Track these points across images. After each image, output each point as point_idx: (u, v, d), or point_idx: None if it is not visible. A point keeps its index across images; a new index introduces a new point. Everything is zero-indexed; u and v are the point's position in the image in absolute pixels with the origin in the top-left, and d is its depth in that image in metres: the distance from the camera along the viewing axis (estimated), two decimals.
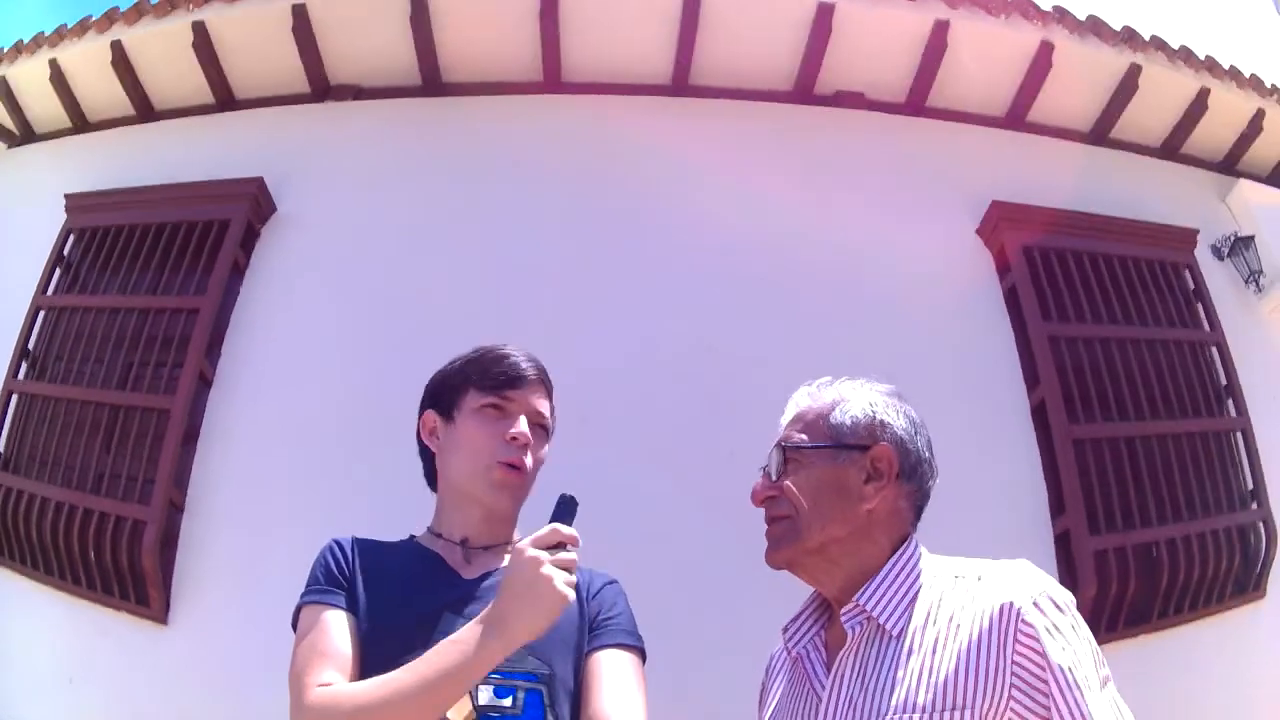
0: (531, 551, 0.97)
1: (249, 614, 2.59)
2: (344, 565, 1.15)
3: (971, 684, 0.88)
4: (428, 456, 1.27)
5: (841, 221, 3.06)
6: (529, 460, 1.18)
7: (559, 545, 0.99)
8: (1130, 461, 3.23)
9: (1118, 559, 3.06)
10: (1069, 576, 2.96)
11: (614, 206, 2.99)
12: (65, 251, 3.49)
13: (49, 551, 2.93)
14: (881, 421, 1.06)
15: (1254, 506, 3.44)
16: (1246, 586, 3.35)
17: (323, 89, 3.31)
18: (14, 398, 3.25)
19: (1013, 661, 0.88)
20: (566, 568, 0.98)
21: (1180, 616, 3.16)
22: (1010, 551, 1.12)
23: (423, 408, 1.27)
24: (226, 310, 3.12)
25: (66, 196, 3.54)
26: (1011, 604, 0.90)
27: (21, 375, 3.29)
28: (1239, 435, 3.51)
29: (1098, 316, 3.32)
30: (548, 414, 1.24)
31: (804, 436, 1.07)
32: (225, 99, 3.47)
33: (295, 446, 2.84)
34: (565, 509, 1.02)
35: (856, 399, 1.09)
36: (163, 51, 3.48)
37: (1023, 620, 0.89)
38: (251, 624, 2.56)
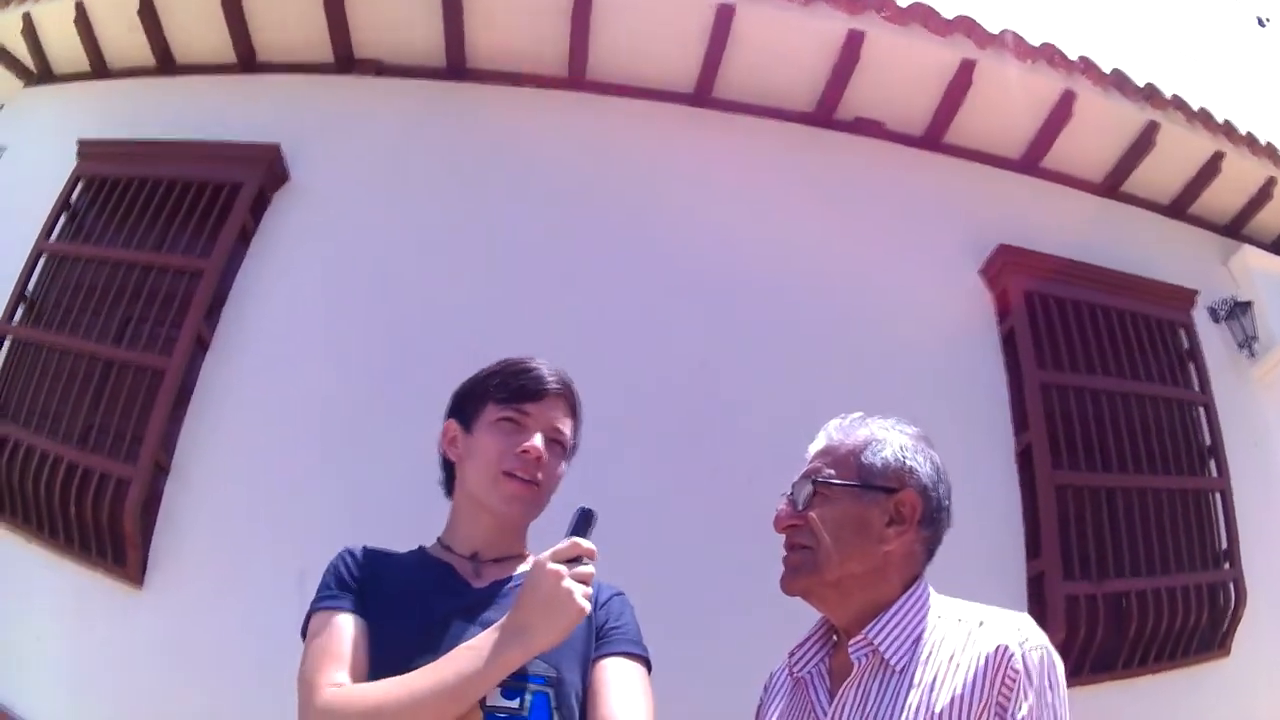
0: (552, 565, 1.00)
1: (224, 585, 2.59)
2: (355, 571, 1.16)
3: (964, 718, 0.94)
4: (448, 466, 1.28)
5: (847, 247, 3.08)
6: (540, 475, 1.19)
7: (577, 558, 1.01)
8: (1109, 512, 3.27)
9: (1088, 606, 3.11)
10: (1038, 619, 2.99)
11: (622, 209, 3.00)
12: (72, 199, 3.47)
13: (29, 502, 2.90)
14: (910, 468, 1.10)
15: (1226, 566, 3.50)
16: (1212, 644, 3.41)
17: (346, 61, 3.30)
18: (7, 341, 3.22)
19: (997, 703, 0.94)
20: (584, 580, 1.00)
21: (1145, 667, 3.22)
22: (981, 588, 1.16)
23: (446, 417, 1.28)
24: (230, 275, 3.09)
25: (80, 142, 3.51)
26: (1005, 648, 0.96)
27: (17, 320, 3.26)
28: (1218, 495, 3.56)
29: (1091, 367, 3.35)
30: (567, 431, 1.24)
31: (833, 472, 1.10)
32: (247, 60, 3.45)
33: (286, 420, 2.83)
34: (583, 522, 1.04)
35: (889, 441, 1.11)
36: (190, 4, 3.45)
37: (1010, 667, 0.95)
38: (227, 594, 2.57)
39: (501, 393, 1.21)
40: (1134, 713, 3.10)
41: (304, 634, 1.14)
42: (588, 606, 1.00)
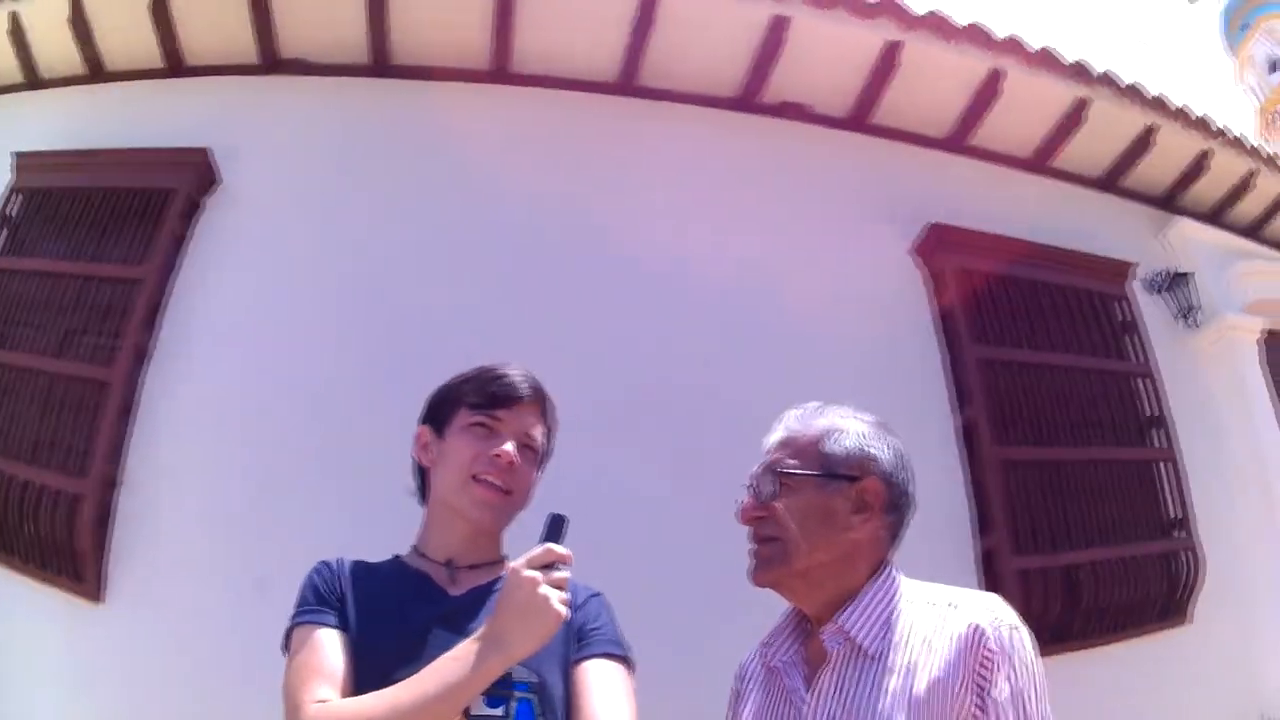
0: (527, 571, 1.00)
1: (183, 595, 2.57)
2: (333, 585, 1.15)
3: (943, 702, 0.96)
4: (420, 472, 1.28)
5: (778, 232, 3.09)
6: (512, 482, 1.19)
7: (552, 564, 1.02)
8: (1058, 485, 3.30)
9: (1042, 579, 3.13)
10: (992, 593, 3.01)
11: (552, 198, 2.99)
12: (11, 211, 3.44)
13: None
14: (872, 455, 1.11)
15: (1179, 535, 3.53)
16: (1170, 612, 3.44)
17: (273, 61, 3.29)
18: None
19: (975, 683, 0.96)
20: (560, 586, 1.01)
21: (1105, 637, 3.25)
22: (933, 566, 1.19)
23: (420, 423, 1.28)
24: (166, 282, 3.07)
25: (17, 155, 3.49)
26: (979, 627, 0.99)
27: None
28: (1166, 465, 3.59)
29: (1030, 342, 3.38)
30: (540, 437, 1.25)
31: (795, 462, 1.11)
32: (175, 64, 3.43)
33: (231, 425, 2.81)
34: (556, 527, 1.05)
35: (849, 430, 1.12)
36: (119, 11, 3.43)
37: (985, 647, 0.97)
38: (185, 604, 2.55)
39: (474, 398, 1.21)
40: (1098, 682, 3.11)
41: (285, 649, 1.13)
42: (565, 612, 1.00)
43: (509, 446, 1.18)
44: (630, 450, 2.69)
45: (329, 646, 1.08)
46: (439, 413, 1.25)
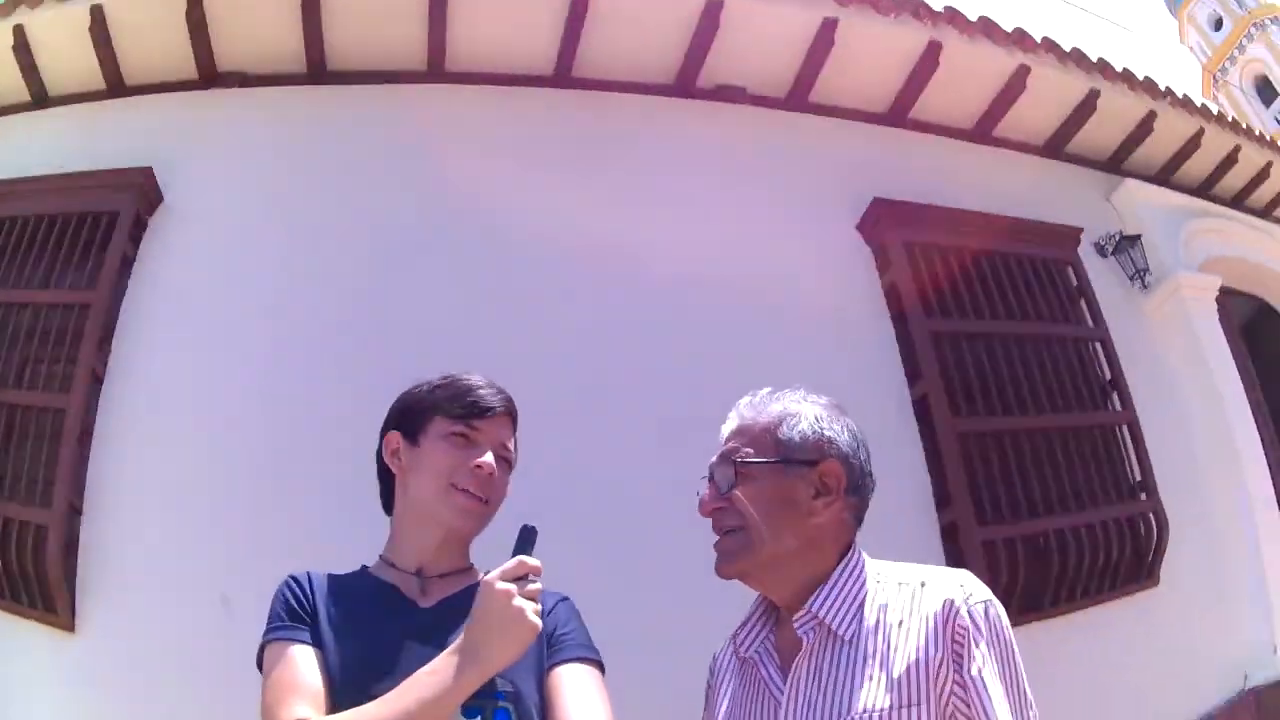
0: (501, 585, 1.01)
1: (156, 617, 2.58)
2: (304, 600, 1.15)
3: (923, 681, 0.96)
4: (386, 479, 1.28)
5: (721, 216, 3.09)
6: (491, 491, 1.20)
7: (524, 576, 1.02)
8: (1016, 454, 3.31)
9: (1007, 549, 3.15)
10: (956, 567, 3.04)
11: (495, 195, 2.99)
12: None
13: None
14: (829, 438, 1.10)
15: (1143, 497, 3.55)
16: (1139, 575, 3.47)
17: (211, 76, 3.28)
18: None
19: (952, 658, 0.96)
20: (532, 598, 1.02)
21: (1073, 604, 3.27)
22: (896, 544, 1.19)
23: (385, 429, 1.28)
24: (117, 305, 3.06)
25: None
26: (951, 602, 0.99)
27: None
28: (1125, 428, 3.61)
29: (980, 313, 3.39)
30: (512, 448, 1.26)
31: (751, 450, 1.09)
32: (116, 85, 3.42)
33: (191, 446, 2.81)
34: (526, 540, 1.05)
35: (803, 414, 1.11)
36: (59, 35, 3.42)
37: (958, 622, 0.97)
38: (160, 627, 2.56)
39: (452, 407, 1.21)
40: (1070, 648, 3.14)
41: (259, 666, 1.13)
42: (539, 624, 1.01)
43: (489, 458, 1.19)
44: (585, 438, 2.71)
45: (304, 663, 1.08)
46: (409, 420, 1.25)
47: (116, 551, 2.71)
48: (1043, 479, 3.34)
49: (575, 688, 1.12)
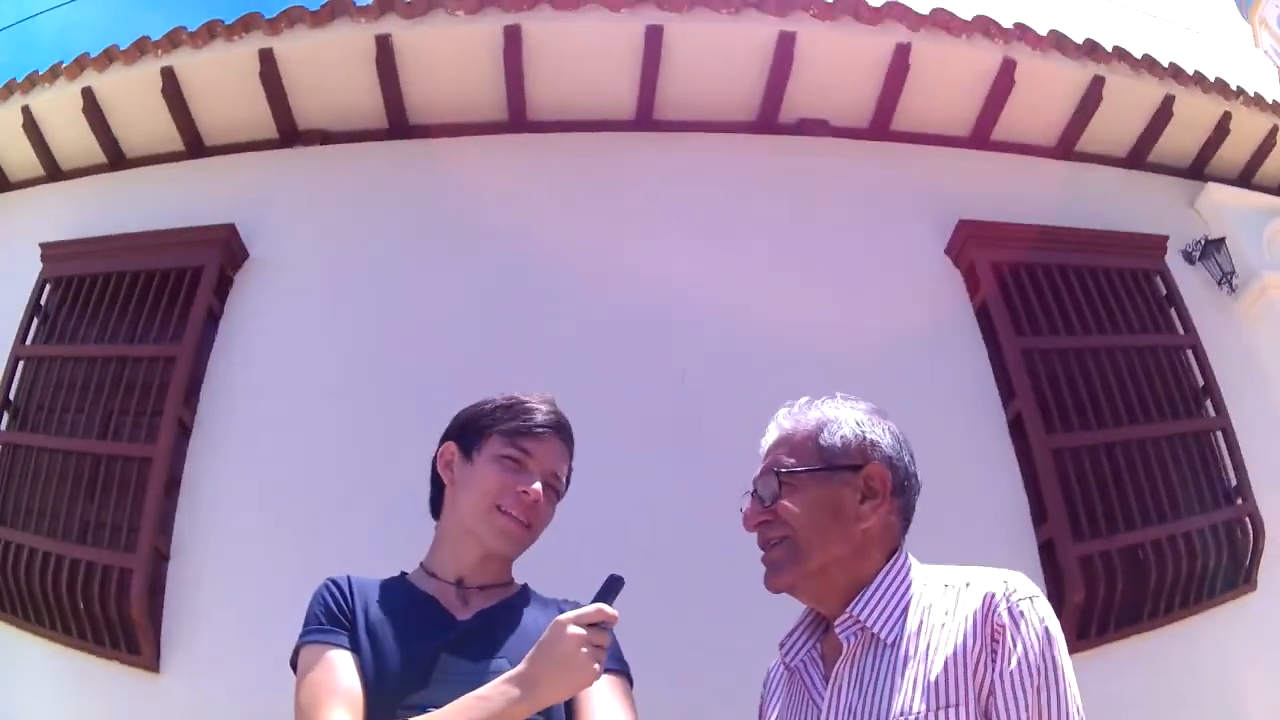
0: (574, 629, 1.00)
1: (240, 660, 2.60)
2: (344, 605, 1.15)
3: (963, 680, 0.92)
4: (438, 485, 1.29)
5: (811, 248, 3.08)
6: (535, 517, 1.20)
7: (599, 623, 1.02)
8: (1111, 467, 3.25)
9: (1104, 563, 3.10)
10: (1055, 584, 3.00)
11: (582, 241, 3.00)
12: (42, 301, 3.50)
13: (38, 601, 2.92)
14: (871, 441, 1.08)
15: (1239, 502, 3.48)
16: (1236, 580, 3.39)
17: (291, 134, 3.33)
18: None
19: (990, 651, 0.92)
20: (601, 645, 1.02)
21: (1171, 615, 3.20)
22: (993, 561, 1.12)
23: (444, 438, 1.29)
24: (203, 357, 3.13)
25: (42, 245, 3.55)
26: (991, 596, 0.96)
27: (4, 426, 3.29)
28: (1219, 434, 3.54)
29: (1070, 328, 3.34)
30: (563, 476, 1.27)
31: (794, 460, 1.08)
32: (195, 145, 3.48)
33: (276, 492, 2.85)
34: (611, 589, 1.05)
35: (844, 419, 1.10)
36: (133, 98, 3.49)
37: (997, 616, 0.94)
38: (243, 670, 2.56)
39: (507, 427, 1.22)
40: (1170, 661, 3.08)
41: (293, 665, 1.13)
42: (600, 674, 1.01)
43: (537, 485, 1.19)
44: (686, 479, 2.69)
45: (343, 668, 1.08)
46: (467, 433, 1.25)
47: (203, 595, 2.77)
48: (1138, 490, 3.27)
49: (603, 698, 1.11)
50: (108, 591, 2.76)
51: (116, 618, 2.75)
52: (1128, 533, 3.20)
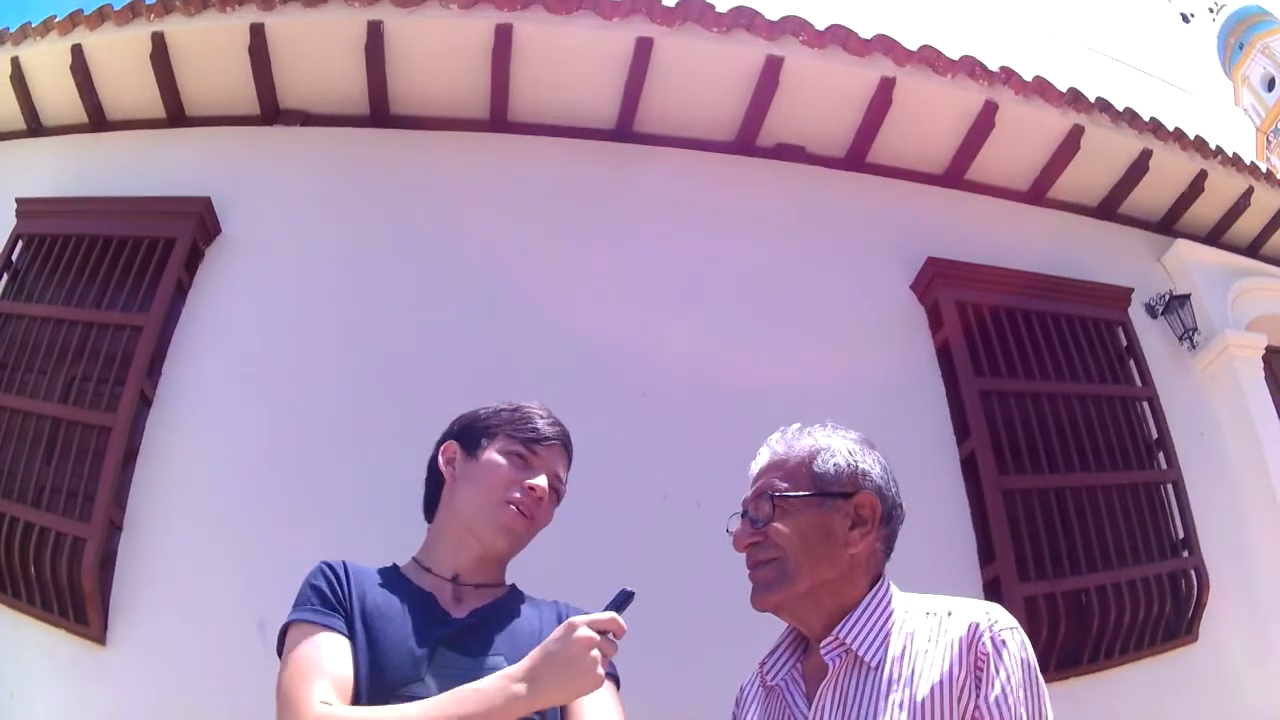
0: (586, 632, 1.00)
1: (188, 637, 2.60)
2: (340, 590, 1.14)
3: (946, 704, 0.96)
4: (435, 484, 1.29)
5: (778, 273, 3.10)
6: (538, 513, 1.22)
7: (608, 632, 1.03)
8: (1060, 511, 3.30)
9: (1047, 605, 3.14)
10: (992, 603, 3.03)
11: (552, 246, 3.01)
12: (14, 256, 3.47)
13: None
14: (863, 470, 1.12)
15: (1185, 555, 3.53)
16: (1178, 631, 3.44)
17: (272, 112, 3.31)
18: None
19: (974, 683, 0.96)
20: (607, 653, 1.02)
21: (1111, 660, 3.25)
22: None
23: (445, 439, 1.30)
24: (169, 330, 3.10)
25: (18, 201, 3.52)
26: (976, 625, 1.00)
27: None
28: (1170, 487, 3.59)
29: (1030, 372, 3.38)
30: (563, 480, 1.29)
31: (787, 485, 1.11)
32: (176, 114, 3.46)
33: (233, 470, 2.84)
34: (623, 601, 1.06)
35: (837, 448, 1.13)
36: (120, 60, 3.46)
37: (980, 646, 0.97)
38: (190, 647, 2.58)
39: (515, 430, 1.24)
40: (1109, 705, 3.13)
41: (279, 648, 1.11)
42: (604, 680, 1.01)
43: (542, 480, 1.22)
44: (645, 491, 2.71)
45: (332, 650, 1.06)
46: (470, 433, 1.27)
47: (154, 569, 2.74)
48: (1086, 536, 3.32)
49: (596, 700, 1.12)
50: (59, 559, 2.73)
51: (67, 586, 2.72)
52: (1074, 577, 3.25)
